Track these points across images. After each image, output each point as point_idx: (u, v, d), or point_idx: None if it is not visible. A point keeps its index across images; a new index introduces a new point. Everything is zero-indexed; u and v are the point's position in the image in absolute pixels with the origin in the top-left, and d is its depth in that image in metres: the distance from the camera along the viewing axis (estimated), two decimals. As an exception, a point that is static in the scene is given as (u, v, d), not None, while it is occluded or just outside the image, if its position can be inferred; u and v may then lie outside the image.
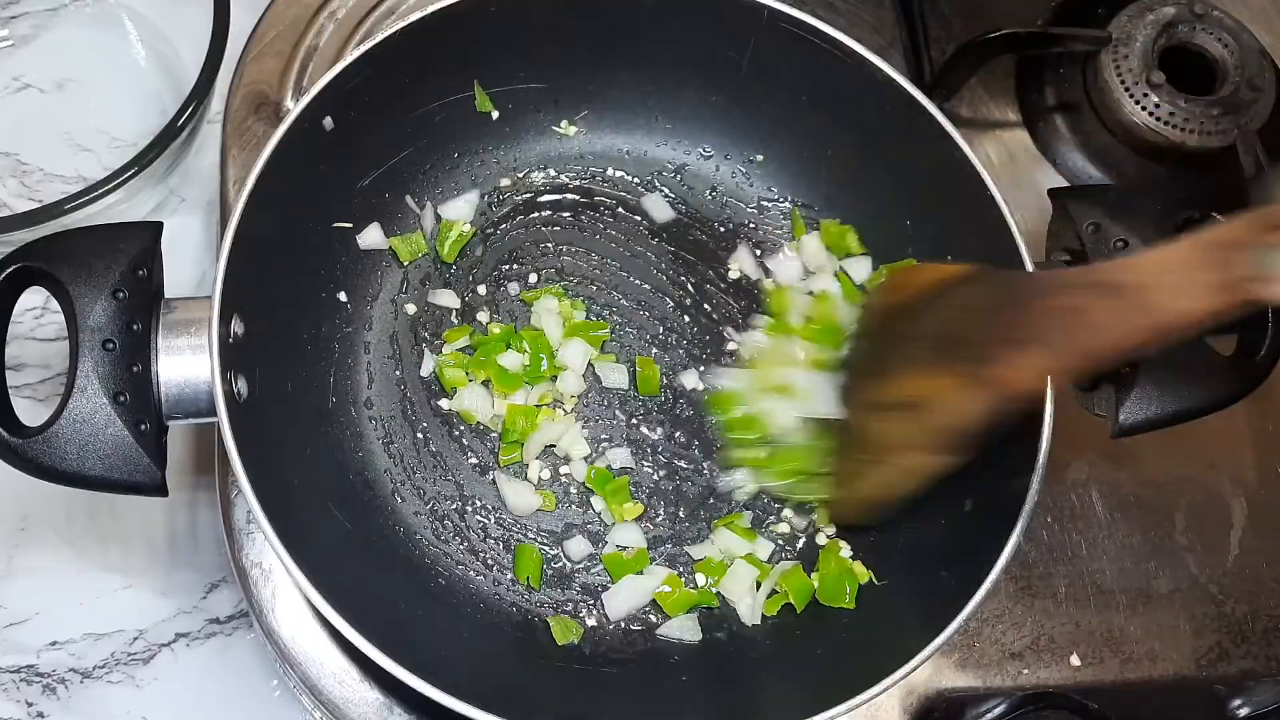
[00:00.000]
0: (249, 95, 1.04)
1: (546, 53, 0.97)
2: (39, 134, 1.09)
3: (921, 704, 0.93)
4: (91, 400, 0.76)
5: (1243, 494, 1.03)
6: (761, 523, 0.93)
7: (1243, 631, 0.99)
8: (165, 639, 0.98)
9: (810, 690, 0.81)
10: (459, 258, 0.98)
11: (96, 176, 0.96)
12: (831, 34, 0.91)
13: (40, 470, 0.76)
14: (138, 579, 0.99)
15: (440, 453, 0.93)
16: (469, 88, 0.96)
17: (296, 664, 0.89)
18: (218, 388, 0.77)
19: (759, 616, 0.89)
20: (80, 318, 0.77)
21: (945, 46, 1.10)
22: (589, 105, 1.01)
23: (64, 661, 0.96)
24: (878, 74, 0.91)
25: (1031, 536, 0.99)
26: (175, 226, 0.97)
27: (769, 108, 0.99)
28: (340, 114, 0.88)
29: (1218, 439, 1.04)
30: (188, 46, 1.06)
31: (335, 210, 0.93)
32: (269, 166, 0.83)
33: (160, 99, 1.10)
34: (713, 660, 0.88)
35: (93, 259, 0.78)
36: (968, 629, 0.95)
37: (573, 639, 0.88)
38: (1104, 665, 0.96)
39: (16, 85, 1.11)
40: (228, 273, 0.79)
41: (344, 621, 0.74)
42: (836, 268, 0.98)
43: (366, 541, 0.88)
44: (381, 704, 0.89)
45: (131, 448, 0.77)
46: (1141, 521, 1.01)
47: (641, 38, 0.96)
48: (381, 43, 0.88)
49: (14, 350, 1.03)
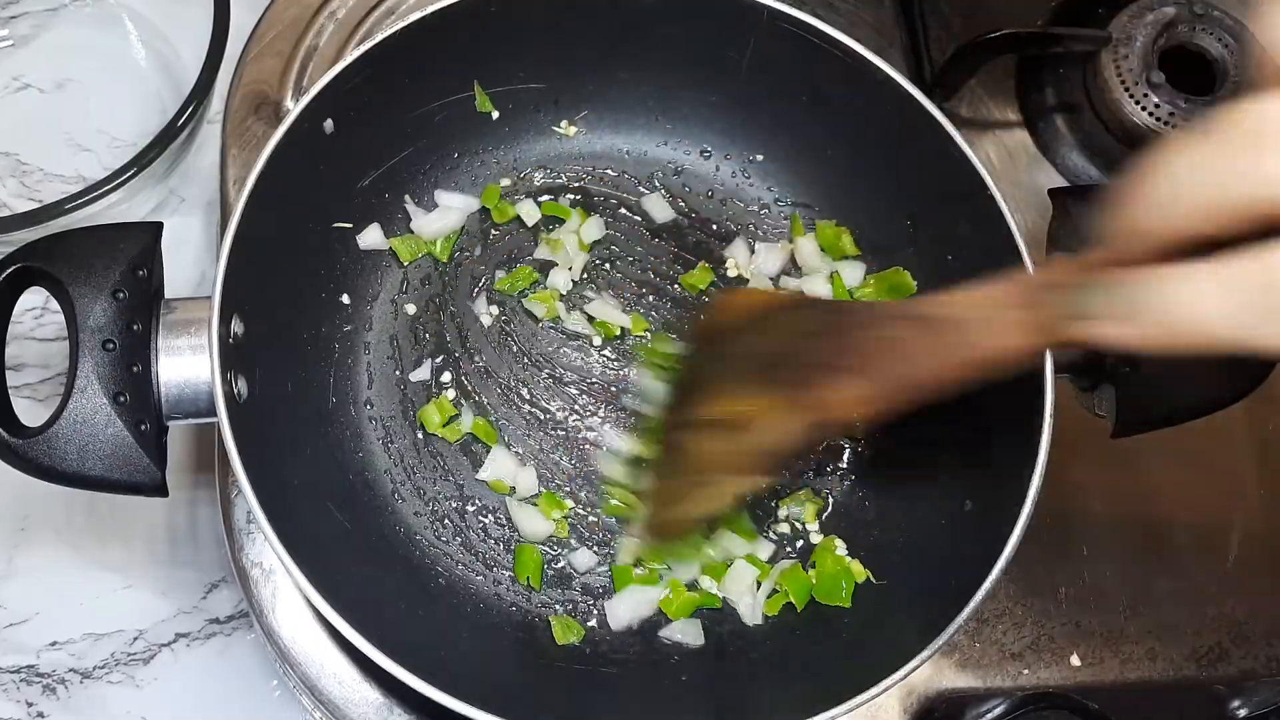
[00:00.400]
0: (249, 95, 1.04)
1: (546, 53, 0.97)
2: (39, 134, 1.09)
3: (921, 704, 0.93)
4: (91, 400, 0.76)
5: (1243, 494, 1.03)
6: (762, 523, 0.93)
7: (1243, 632, 0.99)
8: (165, 639, 0.98)
9: (810, 690, 0.81)
10: (457, 259, 0.98)
11: (96, 176, 0.96)
12: (831, 34, 0.91)
13: (40, 470, 0.76)
14: (138, 579, 0.99)
15: (440, 453, 0.93)
16: (469, 88, 0.96)
17: (296, 664, 0.89)
18: (218, 388, 0.77)
19: (760, 616, 0.89)
20: (80, 318, 0.77)
21: (945, 46, 1.10)
22: (589, 105, 1.01)
23: (64, 662, 0.96)
24: (878, 74, 0.90)
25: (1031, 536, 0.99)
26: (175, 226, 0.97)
27: (769, 108, 0.99)
28: (340, 114, 0.88)
29: (1218, 439, 1.03)
30: (188, 46, 1.06)
31: (335, 210, 0.93)
32: (269, 166, 0.83)
33: (160, 99, 1.10)
34: (713, 660, 0.88)
35: (93, 259, 0.78)
36: (968, 629, 0.95)
37: (573, 639, 0.88)
38: (1104, 665, 0.96)
39: (16, 85, 1.11)
40: (228, 273, 0.79)
41: (344, 621, 0.74)
42: (830, 270, 0.98)
43: (366, 541, 0.88)
44: (381, 704, 0.89)
45: (131, 448, 0.77)
46: (1141, 521, 1.01)
47: (641, 38, 0.96)
48: (381, 43, 0.88)
49: (14, 350, 1.03)
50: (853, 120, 0.94)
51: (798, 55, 0.92)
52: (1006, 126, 1.12)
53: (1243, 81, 1.08)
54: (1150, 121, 1.08)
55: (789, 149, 1.00)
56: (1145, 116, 1.08)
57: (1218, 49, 1.10)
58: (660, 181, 1.02)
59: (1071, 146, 1.12)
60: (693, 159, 1.02)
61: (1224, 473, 1.04)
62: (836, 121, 0.96)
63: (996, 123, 1.12)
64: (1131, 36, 1.10)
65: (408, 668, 0.74)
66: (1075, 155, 1.11)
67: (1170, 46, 1.10)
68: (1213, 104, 1.08)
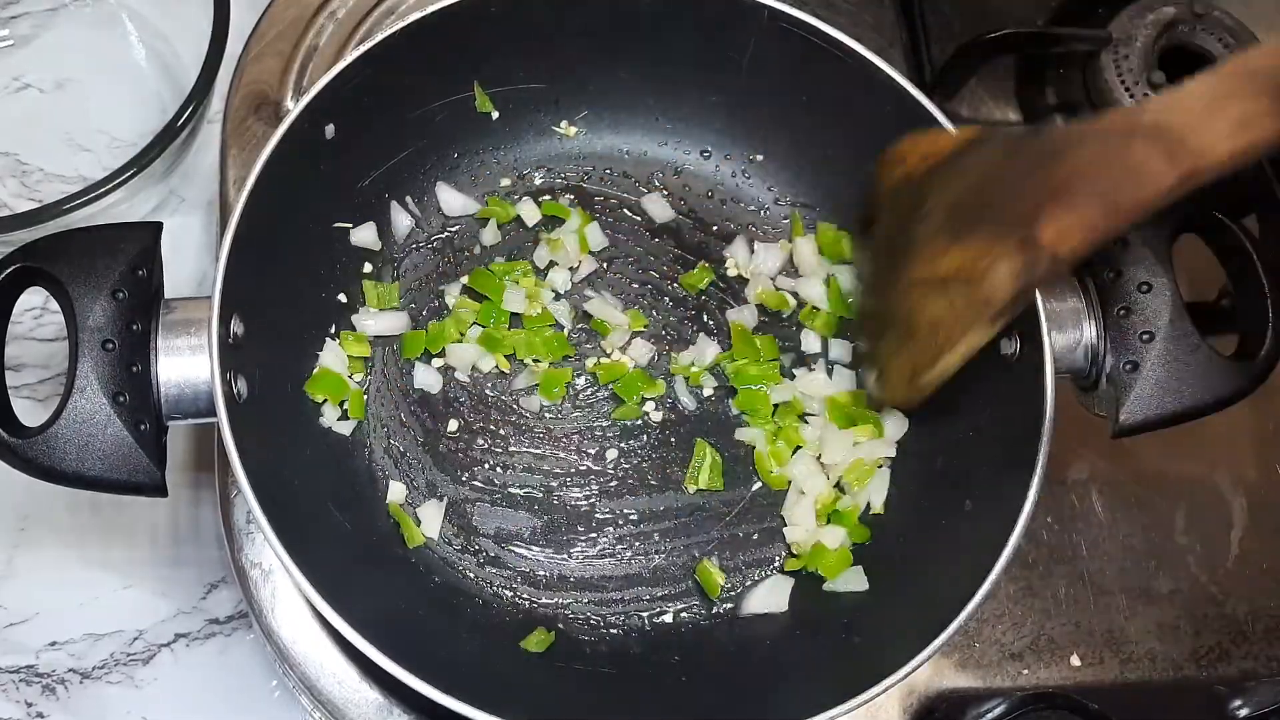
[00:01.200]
0: (249, 95, 1.04)
1: (546, 53, 0.96)
2: (39, 134, 1.09)
3: (922, 704, 0.93)
4: (91, 400, 0.76)
5: (1243, 494, 1.03)
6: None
7: (1243, 632, 0.99)
8: (165, 639, 0.98)
9: (810, 690, 0.81)
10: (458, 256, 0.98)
11: (96, 176, 0.96)
12: (832, 34, 0.91)
13: (40, 470, 0.76)
14: (137, 579, 0.99)
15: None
16: (469, 88, 0.96)
17: (296, 664, 0.89)
18: (218, 388, 0.77)
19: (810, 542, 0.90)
20: (80, 318, 0.77)
21: (945, 46, 1.10)
22: (589, 105, 1.01)
23: (63, 662, 0.96)
24: (878, 74, 0.90)
25: (1032, 537, 0.99)
26: (175, 226, 0.98)
27: (769, 108, 0.99)
28: (341, 115, 0.88)
29: (1218, 438, 1.03)
30: (187, 46, 1.06)
31: (335, 210, 0.93)
32: (269, 166, 0.83)
33: (160, 99, 1.10)
34: (713, 661, 0.88)
35: (93, 259, 0.78)
36: (968, 629, 0.95)
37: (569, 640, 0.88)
38: (1104, 665, 0.96)
39: (16, 85, 1.11)
40: (228, 273, 0.79)
41: (344, 621, 0.74)
42: (827, 273, 0.98)
43: (366, 541, 0.88)
44: (381, 704, 0.89)
45: (131, 448, 0.77)
46: (1142, 521, 1.01)
47: (641, 38, 0.96)
48: (381, 43, 0.88)
49: (14, 350, 1.03)
50: (853, 120, 0.94)
51: (798, 55, 0.92)
52: (1007, 126, 1.12)
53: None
54: (1150, 121, 1.08)
55: (789, 149, 1.00)
56: (1145, 116, 1.08)
57: (1218, 49, 1.10)
58: (660, 181, 1.02)
59: (1072, 146, 1.11)
60: (693, 159, 1.02)
61: (1224, 472, 1.04)
62: (836, 121, 0.96)
63: (997, 123, 1.12)
64: (1132, 36, 1.10)
65: (408, 668, 0.74)
66: (1075, 155, 1.11)
67: (1170, 46, 1.10)
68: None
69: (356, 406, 0.91)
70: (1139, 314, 0.85)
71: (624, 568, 0.91)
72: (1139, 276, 0.85)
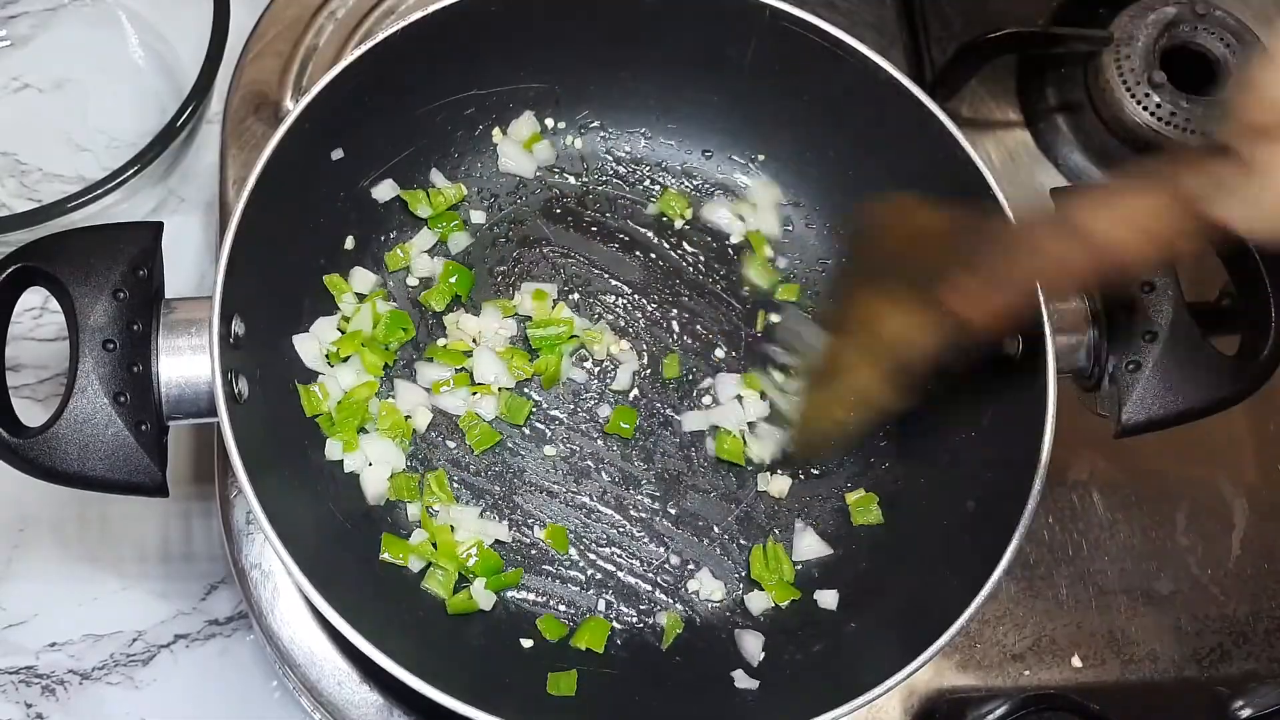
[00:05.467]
0: (249, 95, 1.04)
1: (547, 53, 0.96)
2: (39, 134, 1.09)
3: (923, 705, 0.93)
4: (92, 400, 0.76)
5: (1244, 494, 1.03)
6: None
7: (1244, 632, 0.99)
8: (164, 640, 0.98)
9: (811, 691, 0.81)
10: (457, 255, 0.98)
11: (96, 176, 0.96)
12: (833, 33, 0.91)
13: (41, 471, 0.76)
14: (137, 580, 0.99)
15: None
16: (469, 88, 0.96)
17: (296, 665, 0.89)
18: (218, 388, 0.77)
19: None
20: (80, 318, 0.77)
21: (946, 46, 1.10)
22: (590, 105, 1.01)
23: (63, 663, 0.96)
24: (879, 73, 0.90)
25: (1033, 537, 0.99)
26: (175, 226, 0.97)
27: (769, 108, 0.98)
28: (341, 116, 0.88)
29: (1219, 439, 1.03)
30: (187, 46, 1.05)
31: (335, 210, 0.93)
32: (269, 166, 0.83)
33: (159, 99, 1.10)
34: (713, 661, 0.88)
35: (93, 259, 0.78)
36: (969, 630, 0.95)
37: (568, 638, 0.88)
38: (1105, 666, 0.96)
39: (16, 85, 1.11)
40: (228, 273, 0.79)
41: (344, 622, 0.74)
42: None
43: (366, 541, 0.88)
44: (382, 705, 0.89)
45: (132, 448, 0.76)
46: (1143, 522, 1.01)
47: (641, 38, 0.96)
48: (381, 43, 0.87)
49: (14, 350, 1.03)
50: (854, 120, 0.94)
51: (799, 55, 0.92)
52: (1008, 126, 1.12)
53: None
54: (1152, 121, 1.08)
55: (789, 149, 1.00)
56: (1147, 116, 1.08)
57: (1219, 49, 1.10)
58: (661, 181, 1.02)
59: (1073, 146, 1.11)
60: (693, 159, 1.02)
61: (1225, 473, 1.04)
62: (837, 121, 0.96)
63: (998, 122, 1.12)
64: (1133, 36, 1.10)
65: (407, 668, 0.74)
66: (1076, 155, 1.11)
67: (1172, 46, 1.10)
68: (1215, 104, 1.08)
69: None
70: (1141, 314, 0.85)
71: (620, 569, 0.91)
72: (1141, 276, 0.85)
